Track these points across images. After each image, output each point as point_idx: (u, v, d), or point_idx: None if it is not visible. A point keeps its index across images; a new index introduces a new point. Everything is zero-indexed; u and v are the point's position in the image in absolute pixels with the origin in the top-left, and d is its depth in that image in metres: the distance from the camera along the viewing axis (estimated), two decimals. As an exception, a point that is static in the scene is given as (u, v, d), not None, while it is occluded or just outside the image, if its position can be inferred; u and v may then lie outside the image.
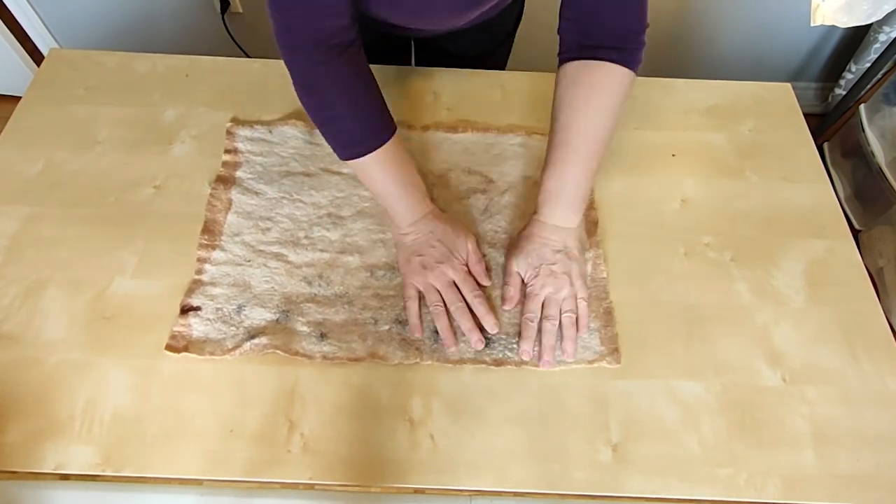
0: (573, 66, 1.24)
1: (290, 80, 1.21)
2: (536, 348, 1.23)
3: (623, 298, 1.30)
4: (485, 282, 1.30)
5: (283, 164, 1.45)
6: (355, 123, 1.24)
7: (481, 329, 1.24)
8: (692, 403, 1.19)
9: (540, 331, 1.25)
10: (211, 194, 1.39)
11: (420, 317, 1.26)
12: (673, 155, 1.51)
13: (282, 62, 1.19)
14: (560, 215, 1.29)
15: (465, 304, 1.26)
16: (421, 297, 1.28)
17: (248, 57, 2.04)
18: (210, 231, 1.34)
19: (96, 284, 1.27)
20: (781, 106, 1.62)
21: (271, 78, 1.62)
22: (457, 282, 1.28)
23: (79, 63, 1.62)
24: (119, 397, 1.16)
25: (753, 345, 1.26)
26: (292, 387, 1.18)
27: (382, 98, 1.28)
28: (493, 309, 1.27)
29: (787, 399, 1.20)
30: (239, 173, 1.43)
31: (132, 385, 1.17)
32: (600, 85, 1.23)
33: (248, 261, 1.31)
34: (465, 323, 1.24)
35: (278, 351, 1.19)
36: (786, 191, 1.46)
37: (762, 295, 1.32)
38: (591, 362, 1.22)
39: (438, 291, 1.27)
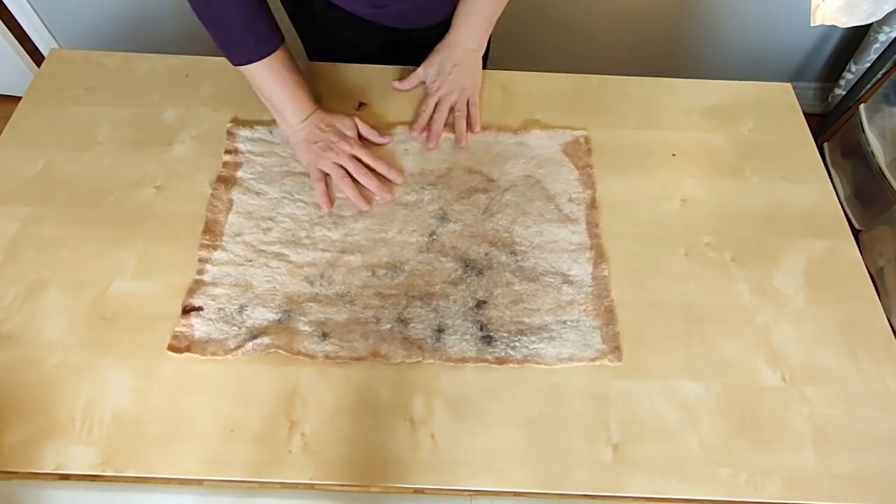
0: None
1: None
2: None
3: (623, 298, 1.30)
4: (378, 139, 1.50)
5: (284, 164, 1.46)
6: (247, 33, 1.34)
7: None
8: (692, 403, 1.19)
9: (432, 121, 1.53)
10: (212, 194, 1.39)
11: (328, 194, 1.41)
12: (673, 155, 1.51)
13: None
14: (467, 36, 1.54)
15: (368, 170, 1.43)
16: (327, 178, 1.44)
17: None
18: (211, 231, 1.34)
19: (96, 285, 1.27)
20: (781, 106, 1.62)
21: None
22: (356, 154, 1.44)
23: (79, 63, 1.62)
24: (119, 398, 1.16)
25: (753, 345, 1.26)
26: (293, 387, 1.18)
27: (269, 9, 1.37)
28: (394, 165, 1.47)
29: (787, 399, 1.20)
30: (240, 173, 1.43)
31: (132, 386, 1.17)
32: None
33: (250, 261, 1.31)
34: (371, 183, 1.42)
35: (280, 351, 1.19)
36: (786, 191, 1.46)
37: (762, 295, 1.32)
38: (592, 360, 1.22)
39: (343, 168, 1.43)
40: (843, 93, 2.95)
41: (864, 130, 2.78)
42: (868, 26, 2.74)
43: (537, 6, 1.88)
